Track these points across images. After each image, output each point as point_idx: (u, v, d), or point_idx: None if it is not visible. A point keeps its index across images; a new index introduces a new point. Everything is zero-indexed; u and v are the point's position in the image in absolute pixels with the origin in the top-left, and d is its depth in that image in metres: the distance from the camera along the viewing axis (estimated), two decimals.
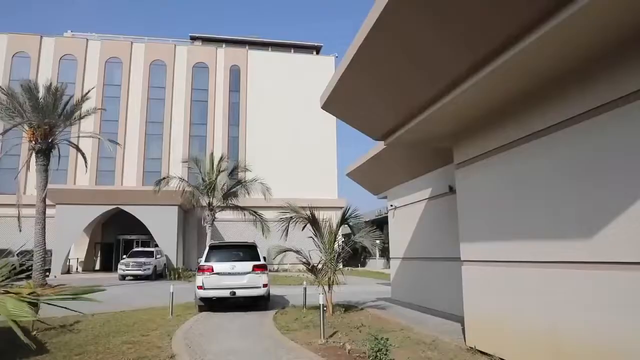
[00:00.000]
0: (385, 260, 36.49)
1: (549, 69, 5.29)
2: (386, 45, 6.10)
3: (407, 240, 13.51)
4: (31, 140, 19.10)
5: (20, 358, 6.22)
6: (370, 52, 6.28)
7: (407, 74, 6.68)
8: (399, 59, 6.35)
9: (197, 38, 44.05)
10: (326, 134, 39.86)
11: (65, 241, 29.38)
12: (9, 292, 3.81)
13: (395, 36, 5.81)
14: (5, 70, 36.94)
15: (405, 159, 12.22)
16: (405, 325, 9.27)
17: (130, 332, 8.70)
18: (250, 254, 12.47)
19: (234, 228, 32.69)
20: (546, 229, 5.65)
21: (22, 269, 4.46)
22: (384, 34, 5.75)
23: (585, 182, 5.06)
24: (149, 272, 25.18)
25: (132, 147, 37.39)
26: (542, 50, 4.79)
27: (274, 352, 7.06)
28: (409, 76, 6.70)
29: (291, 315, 10.86)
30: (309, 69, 40.96)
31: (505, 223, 6.52)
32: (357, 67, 6.85)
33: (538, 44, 4.60)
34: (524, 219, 6.09)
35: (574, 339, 5.11)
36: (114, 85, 38.61)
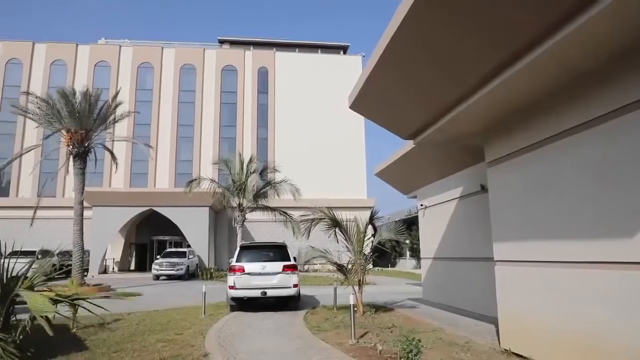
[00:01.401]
0: (416, 261, 36.14)
1: (579, 67, 5.14)
2: (413, 45, 6.05)
3: (437, 240, 13.34)
4: (69, 144, 19.74)
5: (62, 354, 6.49)
6: (397, 51, 6.24)
7: (434, 73, 6.61)
8: (426, 58, 6.29)
9: (225, 41, 44.68)
10: (354, 134, 39.76)
11: (101, 242, 30.32)
12: (49, 290, 3.98)
13: (421, 35, 5.75)
14: (44, 77, 38.41)
15: (435, 158, 12.07)
16: (437, 326, 9.15)
17: (165, 331, 8.90)
18: (280, 254, 12.54)
19: (264, 228, 32.97)
20: (581, 229, 5.48)
21: (62, 269, 4.65)
22: (410, 33, 5.70)
23: (620, 182, 4.89)
24: (182, 272, 25.67)
25: (164, 150, 38.24)
26: (571, 48, 4.67)
27: (305, 352, 7.08)
28: (436, 75, 6.62)
29: (321, 316, 10.88)
30: (336, 69, 40.96)
31: (539, 222, 6.35)
32: (384, 66, 6.81)
33: (568, 40, 4.48)
34: (559, 217, 5.92)
35: (611, 341, 4.94)
36: (146, 89, 39.60)
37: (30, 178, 35.69)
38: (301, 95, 40.41)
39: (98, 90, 21.36)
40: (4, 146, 36.84)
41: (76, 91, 20.00)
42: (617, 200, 4.92)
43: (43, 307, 3.65)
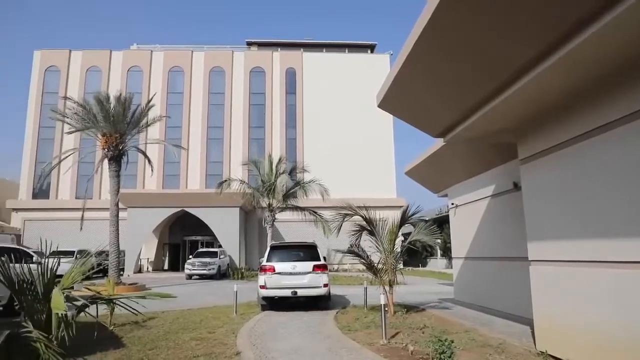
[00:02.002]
0: (447, 260, 35.64)
1: (620, 58, 4.96)
2: (442, 41, 5.96)
3: (469, 240, 13.11)
4: (104, 148, 20.36)
5: (100, 351, 6.71)
6: (425, 48, 6.17)
7: (464, 69, 6.50)
8: (455, 54, 6.19)
9: (253, 43, 45.13)
10: (383, 133, 39.51)
11: (136, 242, 31.14)
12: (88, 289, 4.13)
13: (450, 31, 5.67)
14: (80, 83, 39.71)
15: (466, 156, 11.88)
16: (470, 326, 8.99)
17: (198, 329, 9.06)
18: (310, 253, 12.58)
19: (294, 228, 33.13)
20: (622, 227, 5.28)
21: (100, 269, 4.82)
22: (439, 29, 5.63)
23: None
24: (214, 271, 26.09)
25: (195, 152, 38.92)
26: (608, 39, 4.50)
27: (336, 351, 7.08)
28: (466, 71, 6.51)
29: (352, 315, 10.86)
30: (364, 68, 40.80)
31: (576, 221, 6.16)
32: (412, 64, 6.74)
33: (605, 32, 4.33)
34: (597, 216, 5.72)
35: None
36: (177, 92, 40.41)
37: (68, 181, 37.02)
38: (329, 95, 40.42)
39: (131, 94, 21.97)
40: (44, 150, 38.34)
41: (110, 96, 20.61)
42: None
43: (57, 305, 3.79)
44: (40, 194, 38.50)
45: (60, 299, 3.85)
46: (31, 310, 4.00)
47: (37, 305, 4.03)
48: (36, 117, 39.22)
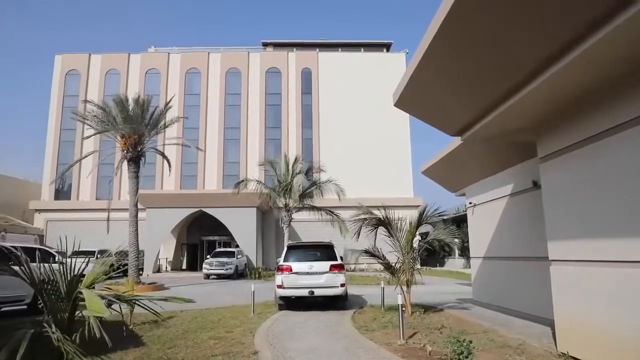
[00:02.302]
0: (465, 260, 35.29)
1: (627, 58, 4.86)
2: (458, 39, 5.91)
3: (488, 239, 12.96)
4: (123, 149, 20.69)
5: (121, 349, 6.82)
6: (441, 47, 6.12)
7: (481, 67, 6.43)
8: (472, 52, 6.13)
9: (269, 44, 45.33)
10: (399, 132, 39.32)
11: (155, 242, 31.55)
12: (109, 288, 4.20)
13: (467, 29, 5.61)
14: (100, 86, 40.41)
15: (484, 155, 11.74)
16: (489, 327, 8.90)
17: (216, 329, 9.14)
18: (327, 253, 12.58)
19: (311, 228, 33.18)
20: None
21: (120, 268, 4.91)
22: (456, 27, 5.58)
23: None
24: (231, 271, 26.29)
25: (212, 152, 39.26)
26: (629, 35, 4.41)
27: (353, 351, 7.07)
28: (483, 69, 6.44)
29: (369, 315, 10.83)
30: (380, 67, 40.64)
31: (599, 219, 6.04)
32: (428, 63, 6.70)
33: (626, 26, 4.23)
34: (620, 215, 5.60)
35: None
36: (194, 94, 40.81)
37: (89, 182, 37.69)
38: (345, 94, 40.38)
39: (149, 96, 22.27)
40: (65, 152, 39.13)
41: (129, 98, 20.93)
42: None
43: (97, 308, 3.84)
44: (62, 195, 39.31)
45: (99, 302, 3.91)
46: (54, 309, 4.09)
47: (60, 304, 4.12)
48: (57, 120, 40.03)
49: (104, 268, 4.35)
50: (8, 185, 38.71)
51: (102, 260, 4.58)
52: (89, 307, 3.83)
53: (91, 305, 3.85)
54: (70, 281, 4.17)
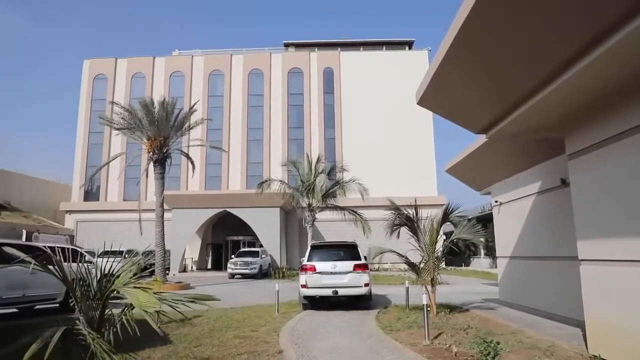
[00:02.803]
0: (491, 260, 34.71)
1: None
2: (483, 34, 5.81)
3: (515, 238, 12.72)
4: (149, 151, 21.09)
5: (149, 347, 6.96)
6: (465, 42, 6.03)
7: (506, 62, 6.30)
8: (497, 47, 6.02)
9: (291, 44, 45.51)
10: (423, 130, 38.93)
11: (180, 242, 32.05)
12: (137, 287, 4.28)
13: (494, 22, 5.51)
14: (126, 90, 41.30)
15: (509, 152, 11.53)
16: (516, 328, 8.72)
17: (241, 328, 9.23)
18: (351, 253, 12.56)
19: (334, 228, 33.19)
20: None
21: (147, 268, 5.01)
22: (481, 22, 5.49)
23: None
24: (255, 271, 26.51)
25: (236, 153, 39.65)
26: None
27: (378, 351, 7.04)
28: (509, 64, 6.32)
29: (393, 315, 10.76)
30: (402, 65, 40.33)
31: (631, 218, 5.85)
32: (452, 59, 6.61)
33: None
34: None
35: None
36: (217, 95, 41.30)
37: (116, 183, 38.57)
38: (367, 93, 40.22)
39: (174, 99, 22.65)
40: (94, 155, 40.13)
41: (154, 101, 21.32)
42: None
43: (147, 302, 3.93)
44: (91, 196, 40.32)
45: (149, 296, 4.01)
46: (85, 308, 4.20)
47: (91, 302, 4.23)
48: (86, 123, 41.07)
49: (132, 267, 4.44)
50: (40, 187, 39.93)
51: (130, 260, 4.68)
52: (138, 302, 3.92)
53: (139, 300, 3.94)
54: (100, 280, 4.28)
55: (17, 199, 33.82)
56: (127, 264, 4.47)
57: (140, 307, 3.85)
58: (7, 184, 34.73)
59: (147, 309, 3.85)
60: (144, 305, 3.88)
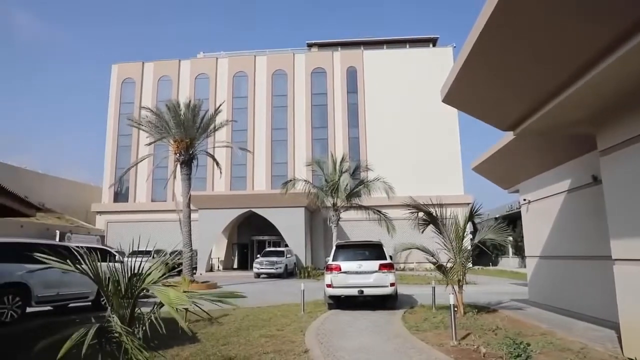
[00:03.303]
0: (520, 259, 34.04)
1: None
2: (510, 28, 5.68)
3: (544, 237, 12.43)
4: (176, 153, 21.46)
5: (177, 345, 7.09)
6: (493, 36, 5.90)
7: (534, 57, 6.16)
8: (525, 42, 5.88)
9: (314, 44, 45.61)
10: (448, 128, 38.41)
11: (207, 242, 32.51)
12: (166, 286, 4.37)
13: (521, 15, 5.38)
14: (153, 93, 42.15)
15: (538, 149, 11.27)
16: (547, 329, 8.53)
17: (267, 327, 9.30)
18: (376, 252, 12.50)
19: (359, 227, 33.10)
20: None
21: (174, 267, 5.10)
22: (509, 14, 5.36)
23: None
24: (281, 270, 26.68)
25: (260, 154, 39.98)
26: None
27: (405, 351, 6.99)
28: (538, 59, 6.16)
29: (420, 315, 10.66)
30: (426, 63, 39.92)
31: None
32: (478, 55, 6.49)
33: None
34: None
35: None
36: (241, 97, 41.72)
37: (145, 185, 39.41)
38: (391, 92, 39.96)
39: (199, 101, 22.97)
40: (123, 157, 41.10)
41: (180, 103, 21.68)
42: None
43: (177, 300, 4.02)
44: (120, 197, 41.31)
45: (178, 294, 4.10)
46: (117, 306, 4.31)
47: (122, 301, 4.33)
48: (115, 126, 42.08)
49: (161, 267, 4.54)
50: (72, 189, 41.13)
51: (159, 260, 4.77)
52: (168, 300, 4.00)
53: (169, 297, 4.03)
54: (130, 279, 4.38)
55: (50, 200, 34.87)
56: (156, 263, 4.57)
57: (170, 304, 3.93)
58: (41, 186, 35.88)
59: (177, 306, 3.93)
60: (174, 302, 3.96)
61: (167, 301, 3.94)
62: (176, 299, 4.01)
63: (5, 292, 10.11)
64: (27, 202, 8.09)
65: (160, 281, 4.41)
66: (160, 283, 4.51)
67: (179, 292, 4.13)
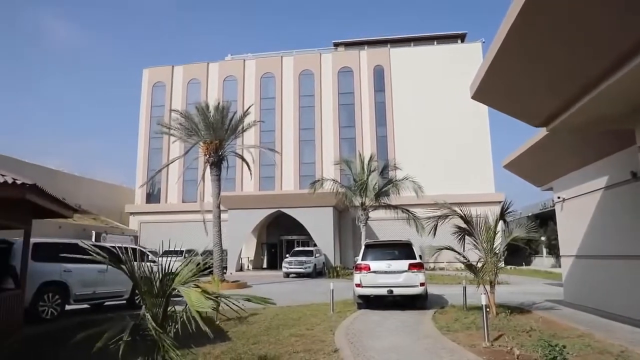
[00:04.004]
0: (554, 259, 33.11)
1: None
2: (545, 16, 5.49)
3: (580, 236, 12.04)
4: (205, 154, 21.83)
5: (209, 343, 7.20)
6: (523, 30, 5.76)
7: (569, 48, 5.96)
8: (559, 33, 5.70)
9: (340, 44, 45.56)
10: (478, 125, 37.66)
11: (237, 242, 32.93)
12: (197, 287, 4.45)
13: (554, 6, 5.21)
14: (182, 96, 42.99)
15: (572, 145, 10.94)
16: (584, 331, 8.26)
17: (296, 326, 9.34)
18: (405, 252, 12.40)
19: (387, 227, 32.90)
20: None
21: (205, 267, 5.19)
22: (539, 7, 5.21)
23: None
24: (310, 270, 26.77)
25: (288, 154, 40.20)
26: None
27: (436, 352, 6.90)
28: (572, 50, 5.97)
29: (451, 315, 10.51)
30: (455, 59, 39.26)
31: None
32: (508, 50, 6.34)
33: None
34: None
35: None
36: (269, 98, 42.07)
37: (175, 186, 40.23)
38: (419, 89, 39.52)
39: (227, 102, 23.34)
40: (154, 159, 42.09)
41: (209, 105, 22.04)
42: None
43: (199, 303, 4.10)
44: (153, 198, 42.31)
45: (201, 297, 4.19)
46: (150, 305, 4.41)
47: (155, 300, 4.43)
48: (146, 129, 43.13)
49: (195, 267, 4.62)
50: (107, 191, 42.35)
51: (189, 260, 4.86)
52: (190, 302, 4.10)
53: (192, 300, 4.11)
54: (162, 278, 4.48)
55: (86, 202, 36.00)
56: (185, 263, 4.65)
57: (192, 306, 4.01)
58: (78, 188, 37.07)
59: (197, 308, 4.00)
60: (195, 305, 4.03)
61: (190, 303, 4.03)
62: (197, 301, 4.08)
63: (46, 291, 10.54)
64: (65, 204, 8.37)
65: (190, 281, 4.49)
66: (191, 283, 4.60)
67: (200, 295, 4.20)
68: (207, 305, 4.13)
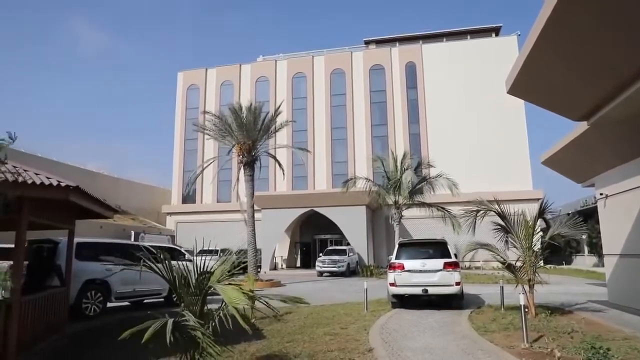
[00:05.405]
0: (597, 258, 31.90)
1: None
2: (582, 9, 5.31)
3: (625, 234, 11.55)
4: (239, 155, 22.15)
5: (244, 341, 7.32)
6: (561, 20, 5.56)
7: (612, 37, 5.72)
8: (601, 22, 5.48)
9: (371, 41, 45.29)
10: (514, 121, 36.68)
11: (270, 241, 33.25)
12: (232, 284, 4.53)
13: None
14: (216, 98, 43.77)
15: (615, 139, 10.49)
16: (630, 333, 7.92)
17: (330, 325, 9.35)
18: (440, 251, 12.22)
19: (421, 225, 32.54)
20: None
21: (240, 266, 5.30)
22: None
23: None
24: (343, 269, 26.75)
25: (320, 153, 40.29)
26: None
27: (472, 353, 6.77)
28: (616, 39, 5.73)
29: (488, 316, 10.28)
30: (489, 54, 38.37)
31: None
32: (546, 41, 6.15)
33: None
34: None
35: None
36: (300, 97, 42.28)
37: (210, 186, 40.99)
38: (452, 85, 38.81)
39: (260, 103, 23.62)
40: (190, 160, 43.07)
41: (242, 106, 22.35)
42: None
43: (236, 299, 4.18)
44: (188, 199, 43.25)
45: (236, 292, 4.29)
46: (187, 302, 4.52)
47: (192, 297, 4.55)
48: (182, 131, 44.14)
49: (230, 265, 4.71)
50: (144, 192, 43.62)
51: (224, 259, 4.95)
52: (227, 298, 4.18)
53: (229, 296, 4.20)
54: (199, 277, 4.58)
55: (125, 203, 37.17)
56: (221, 262, 4.74)
57: (230, 302, 4.08)
58: (117, 190, 38.34)
59: (235, 304, 4.07)
60: (233, 301, 4.10)
61: (227, 299, 4.11)
62: (235, 298, 4.16)
63: (89, 288, 10.97)
64: (106, 205, 8.66)
65: (225, 279, 4.57)
66: (225, 281, 4.68)
67: (238, 291, 4.27)
68: (243, 301, 4.21)
